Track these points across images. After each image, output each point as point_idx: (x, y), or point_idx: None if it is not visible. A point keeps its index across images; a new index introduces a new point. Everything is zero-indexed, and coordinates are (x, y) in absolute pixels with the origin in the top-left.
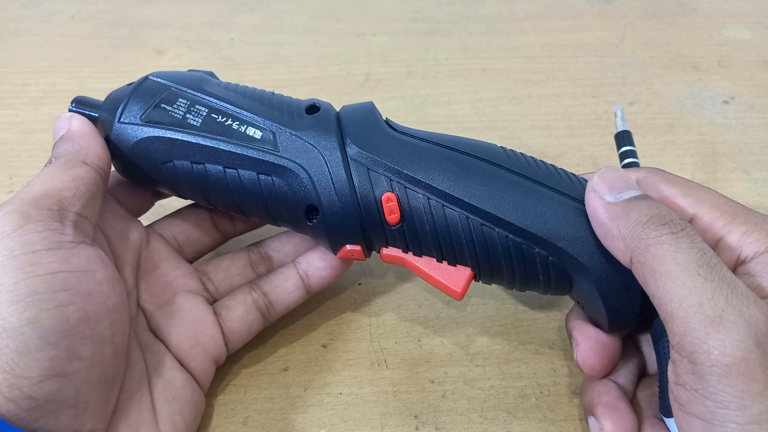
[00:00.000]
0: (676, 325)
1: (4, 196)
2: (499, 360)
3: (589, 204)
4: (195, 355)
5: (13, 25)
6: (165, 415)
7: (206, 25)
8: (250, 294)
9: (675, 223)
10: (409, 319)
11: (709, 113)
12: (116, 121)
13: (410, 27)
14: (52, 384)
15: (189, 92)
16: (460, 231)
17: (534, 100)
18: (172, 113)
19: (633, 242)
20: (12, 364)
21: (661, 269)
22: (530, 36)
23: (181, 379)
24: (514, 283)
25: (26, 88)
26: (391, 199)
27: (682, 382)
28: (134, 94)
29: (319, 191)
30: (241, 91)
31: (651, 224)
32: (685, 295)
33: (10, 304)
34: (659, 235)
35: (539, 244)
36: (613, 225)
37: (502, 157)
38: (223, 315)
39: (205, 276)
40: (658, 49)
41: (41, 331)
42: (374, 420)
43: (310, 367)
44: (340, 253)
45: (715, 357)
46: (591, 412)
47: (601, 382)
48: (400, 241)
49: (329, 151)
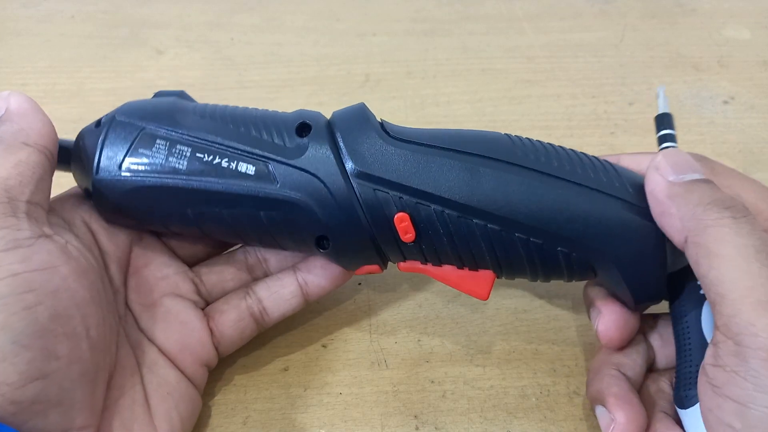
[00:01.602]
0: (725, 306)
1: None
2: (499, 360)
3: (650, 181)
4: (183, 358)
5: (13, 25)
6: (160, 411)
7: (206, 25)
8: (244, 299)
9: (737, 209)
10: (409, 319)
11: (709, 113)
12: (93, 174)
13: (410, 27)
14: (34, 386)
15: (164, 131)
16: (478, 240)
17: (534, 100)
18: (153, 158)
19: (691, 222)
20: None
21: (718, 251)
22: (530, 36)
23: (175, 376)
24: (537, 278)
25: (26, 88)
26: (404, 219)
27: (721, 363)
28: (106, 141)
29: (327, 221)
30: (221, 116)
31: (712, 206)
32: (739, 278)
33: None
34: (720, 218)
35: (560, 243)
36: (671, 203)
37: (510, 151)
38: (216, 319)
39: (198, 278)
40: (658, 49)
41: (13, 336)
42: (374, 420)
43: (310, 367)
44: (357, 272)
45: (761, 340)
46: (601, 402)
47: (610, 374)
48: (418, 255)
49: (330, 176)
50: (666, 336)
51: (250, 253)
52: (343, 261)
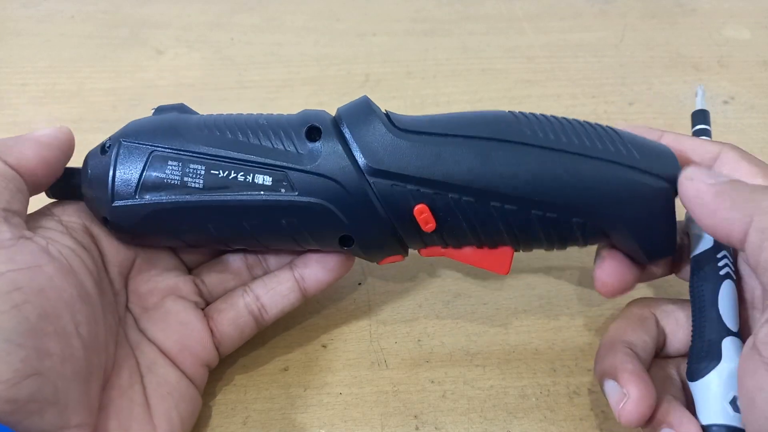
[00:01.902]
0: None
1: None
2: (499, 360)
3: (690, 189)
4: (184, 359)
5: (13, 25)
6: (159, 411)
7: (206, 25)
8: (242, 297)
9: None
10: (409, 319)
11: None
12: (111, 204)
13: (410, 27)
14: (29, 384)
15: (174, 151)
16: (497, 221)
17: (534, 100)
18: (168, 180)
19: (754, 209)
20: None
21: None
22: (530, 36)
23: (175, 376)
24: (553, 248)
25: (26, 88)
26: (424, 211)
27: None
28: (117, 166)
29: (349, 221)
30: (228, 128)
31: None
32: None
33: None
34: None
35: (575, 214)
36: (722, 200)
37: (517, 130)
38: (215, 319)
39: (200, 279)
40: (658, 49)
41: (5, 335)
42: (374, 420)
43: (310, 367)
44: (382, 263)
45: None
46: (613, 377)
47: (623, 351)
48: (439, 241)
49: (346, 178)
50: (680, 321)
51: (249, 252)
52: (369, 255)
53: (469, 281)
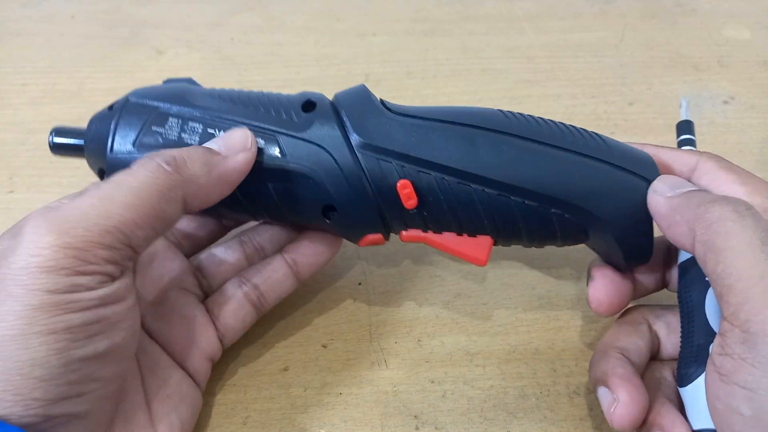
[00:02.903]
0: (733, 296)
1: (3, 196)
2: (499, 360)
3: (651, 204)
4: (189, 354)
5: (13, 25)
6: (160, 414)
7: (206, 25)
8: (240, 288)
9: (739, 204)
10: (409, 319)
11: (709, 113)
12: (108, 152)
13: (410, 27)
14: (68, 403)
15: (177, 109)
16: (477, 204)
17: (534, 100)
18: (166, 135)
19: (696, 222)
20: (32, 389)
21: (724, 245)
22: (530, 36)
23: (176, 378)
24: (533, 243)
25: (26, 88)
26: (407, 186)
27: (729, 352)
28: (120, 121)
29: (333, 190)
30: (230, 97)
31: (714, 203)
32: (746, 269)
33: (41, 336)
34: (724, 213)
35: (554, 205)
36: (675, 213)
37: (504, 123)
38: (216, 312)
39: (199, 271)
40: (658, 49)
41: (67, 360)
42: (374, 420)
43: (310, 367)
44: (361, 243)
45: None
46: (603, 383)
47: (615, 356)
48: (420, 222)
49: (336, 148)
50: (672, 325)
51: (247, 243)
52: (349, 230)
53: (469, 281)
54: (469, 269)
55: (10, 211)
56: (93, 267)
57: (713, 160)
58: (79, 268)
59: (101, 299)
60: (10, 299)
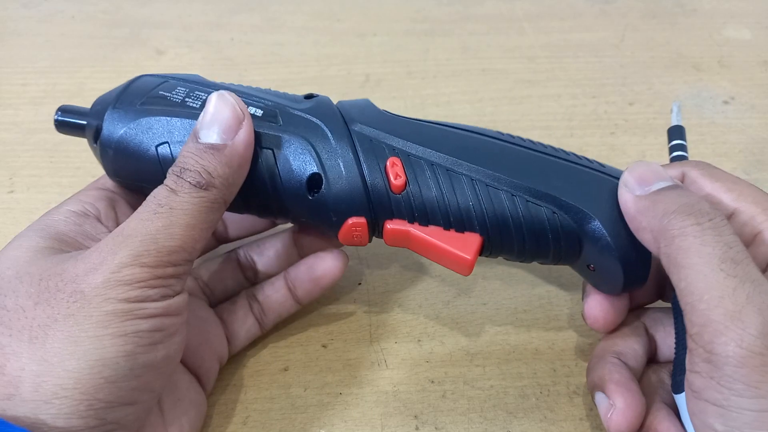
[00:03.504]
0: (695, 316)
1: (4, 196)
2: (499, 360)
3: (620, 199)
4: (201, 353)
5: (13, 25)
6: (171, 418)
7: (206, 25)
8: (246, 299)
9: (702, 213)
10: (409, 319)
11: (709, 113)
12: (111, 106)
13: (410, 27)
14: (122, 409)
15: (187, 82)
16: (465, 192)
17: (534, 100)
18: (171, 98)
19: (659, 233)
20: (98, 388)
21: (685, 262)
22: (530, 36)
23: (185, 381)
24: (524, 248)
25: (26, 88)
26: (396, 163)
27: (698, 370)
28: (130, 86)
29: (323, 159)
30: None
31: (677, 215)
32: (707, 289)
33: (113, 338)
34: (684, 227)
35: (544, 200)
36: (641, 218)
37: (497, 134)
38: (224, 318)
39: (200, 280)
40: (658, 49)
41: (133, 364)
42: (374, 420)
43: (310, 367)
44: (343, 231)
45: (731, 349)
46: (600, 389)
47: (612, 362)
48: (406, 208)
49: (332, 124)
50: (669, 328)
51: (240, 256)
52: (333, 208)
53: (469, 281)
54: None
55: (11, 211)
56: (161, 281)
57: (698, 169)
58: (151, 281)
59: (164, 309)
60: (88, 306)
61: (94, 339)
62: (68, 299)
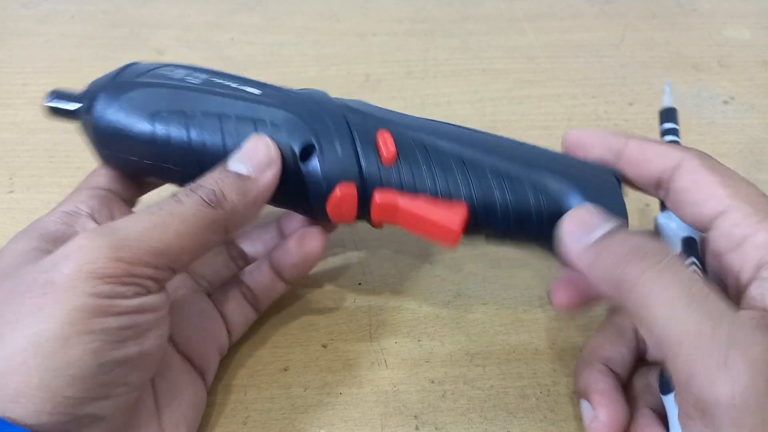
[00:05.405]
0: (679, 365)
1: (4, 196)
2: (499, 360)
3: (565, 252)
4: (202, 345)
5: (13, 25)
6: (168, 417)
7: (206, 25)
8: (238, 287)
9: (654, 253)
10: (409, 319)
11: (709, 113)
12: (111, 80)
13: (410, 27)
14: (95, 404)
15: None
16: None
17: (534, 100)
18: (170, 75)
19: (617, 285)
20: (64, 386)
21: (651, 313)
22: (530, 36)
23: (185, 379)
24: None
25: (26, 88)
26: (386, 136)
27: (692, 416)
28: (128, 68)
29: (317, 130)
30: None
31: (629, 261)
32: (684, 336)
33: (80, 335)
34: (640, 273)
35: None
36: (593, 272)
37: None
38: (220, 307)
39: (195, 273)
40: (658, 49)
41: (101, 362)
42: (374, 420)
43: (310, 367)
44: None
45: (724, 400)
46: (586, 397)
47: (597, 368)
48: (395, 180)
49: (325, 102)
50: None
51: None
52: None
53: (469, 281)
54: (469, 269)
55: (10, 211)
56: (135, 279)
57: (698, 159)
58: (124, 278)
59: (136, 307)
60: (56, 301)
61: (60, 338)
62: (40, 290)
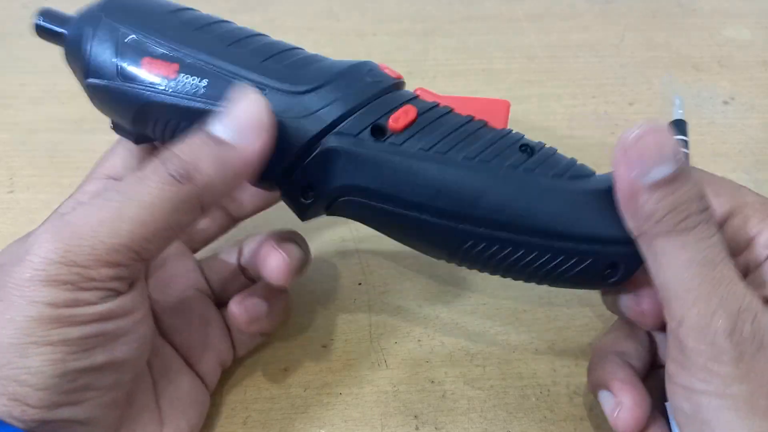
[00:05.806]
0: (672, 311)
1: (3, 196)
2: (499, 360)
3: (615, 170)
4: (202, 356)
5: (13, 25)
6: (169, 418)
7: None
8: None
9: (690, 214)
10: (409, 319)
11: (709, 113)
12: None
13: (410, 27)
14: (65, 410)
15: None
16: None
17: (534, 100)
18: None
19: (644, 225)
20: (27, 395)
21: (663, 260)
22: (530, 36)
23: (187, 382)
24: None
25: (26, 88)
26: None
27: (673, 357)
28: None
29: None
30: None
31: (665, 219)
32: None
33: (38, 347)
34: (669, 228)
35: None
36: (629, 204)
37: None
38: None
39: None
40: (658, 49)
41: (63, 371)
42: (374, 420)
43: (310, 367)
44: None
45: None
46: (605, 387)
47: (615, 361)
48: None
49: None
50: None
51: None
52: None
53: (469, 281)
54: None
55: (10, 211)
56: (96, 284)
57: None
58: (82, 284)
59: (102, 315)
60: (12, 308)
61: (18, 347)
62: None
